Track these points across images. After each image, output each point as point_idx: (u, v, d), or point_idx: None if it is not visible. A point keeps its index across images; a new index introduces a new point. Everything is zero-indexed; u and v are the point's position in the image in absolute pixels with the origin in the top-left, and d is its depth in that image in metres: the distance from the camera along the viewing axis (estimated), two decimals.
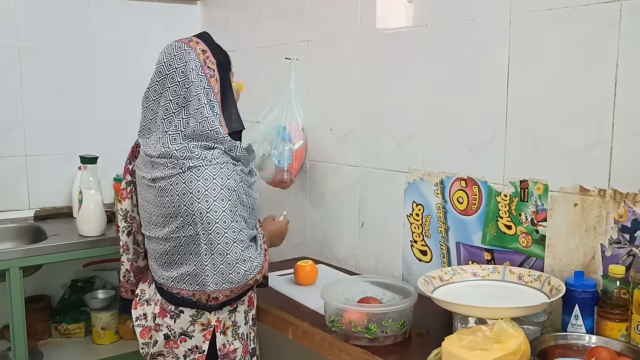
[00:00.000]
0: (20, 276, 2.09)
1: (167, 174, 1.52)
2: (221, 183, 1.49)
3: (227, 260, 1.49)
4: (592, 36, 1.38)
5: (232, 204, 1.50)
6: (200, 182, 1.48)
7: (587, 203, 1.42)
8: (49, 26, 2.58)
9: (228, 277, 1.49)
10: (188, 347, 1.60)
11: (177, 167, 1.51)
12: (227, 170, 1.52)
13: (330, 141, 2.18)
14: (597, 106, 1.38)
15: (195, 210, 1.48)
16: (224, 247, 1.48)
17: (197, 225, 1.49)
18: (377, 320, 1.46)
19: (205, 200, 1.47)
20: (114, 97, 2.76)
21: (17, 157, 2.57)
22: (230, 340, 1.63)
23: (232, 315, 1.63)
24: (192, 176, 1.49)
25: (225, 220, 1.48)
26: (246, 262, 1.51)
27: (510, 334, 1.20)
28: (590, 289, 1.37)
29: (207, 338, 1.60)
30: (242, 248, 1.50)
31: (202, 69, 1.54)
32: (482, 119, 1.64)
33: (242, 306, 1.66)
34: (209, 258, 1.49)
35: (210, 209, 1.47)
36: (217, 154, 1.53)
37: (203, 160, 1.50)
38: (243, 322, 1.66)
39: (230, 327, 1.63)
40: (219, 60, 1.59)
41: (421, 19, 1.78)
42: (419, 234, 1.87)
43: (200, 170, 1.49)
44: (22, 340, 2.10)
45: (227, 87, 1.61)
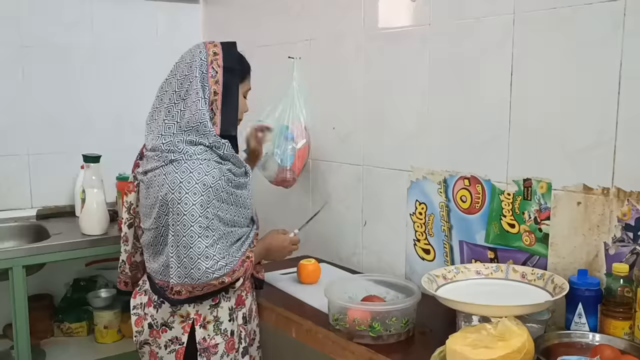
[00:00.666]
0: (23, 275, 2.10)
1: (153, 167, 1.61)
2: (197, 177, 1.53)
3: (190, 254, 1.51)
4: (596, 35, 1.38)
5: (204, 200, 1.53)
6: (177, 174, 1.54)
7: (590, 202, 1.42)
8: (51, 25, 2.59)
9: (190, 272, 1.52)
10: (168, 337, 1.65)
11: (161, 159, 1.59)
12: (206, 166, 1.56)
13: (333, 140, 2.18)
14: (601, 105, 1.38)
15: (169, 200, 1.54)
16: (188, 240, 1.51)
17: (169, 215, 1.55)
18: (381, 318, 1.46)
19: (178, 191, 1.53)
20: (116, 96, 2.77)
21: (19, 155, 2.58)
22: (211, 335, 1.64)
23: (213, 310, 1.65)
24: (171, 168, 1.56)
25: (193, 214, 1.51)
26: (208, 260, 1.52)
27: (514, 332, 1.20)
28: (593, 287, 1.37)
29: (186, 330, 1.63)
30: (207, 244, 1.52)
31: (207, 68, 1.61)
32: (486, 117, 1.64)
33: (226, 302, 1.67)
34: (174, 250, 1.54)
35: (181, 200, 1.52)
36: (200, 150, 1.58)
37: (184, 155, 1.57)
38: (227, 319, 1.67)
39: (211, 322, 1.65)
40: (227, 64, 1.64)
41: (424, 18, 1.78)
42: (422, 233, 1.87)
43: (180, 163, 1.56)
44: (24, 338, 2.11)
45: (231, 92, 1.64)
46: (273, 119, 2.22)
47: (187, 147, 1.58)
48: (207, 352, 1.63)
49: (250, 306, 1.77)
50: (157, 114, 1.66)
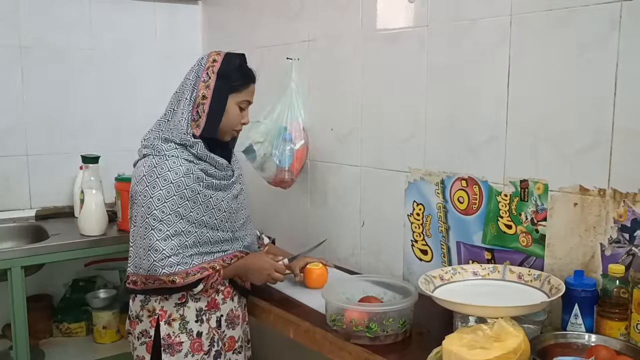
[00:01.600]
0: (22, 275, 2.10)
1: (134, 162, 1.71)
2: (159, 172, 1.59)
3: (143, 245, 1.58)
4: (593, 36, 1.38)
5: (163, 194, 1.58)
6: (144, 167, 1.62)
7: (586, 203, 1.43)
8: (51, 26, 2.60)
9: (142, 262, 1.58)
10: (139, 330, 1.71)
11: (139, 154, 1.70)
12: (171, 163, 1.61)
13: (331, 141, 2.19)
14: (598, 106, 1.39)
15: (133, 192, 1.64)
16: (144, 232, 1.58)
17: (133, 206, 1.64)
18: (378, 319, 1.46)
19: (140, 183, 1.61)
20: (115, 96, 2.78)
21: (18, 156, 2.58)
22: (176, 333, 1.67)
23: (180, 308, 1.67)
24: (142, 162, 1.65)
25: (149, 206, 1.57)
26: (157, 253, 1.56)
27: (510, 332, 1.21)
28: (590, 288, 1.38)
29: (153, 325, 1.67)
30: (158, 237, 1.56)
31: (202, 73, 1.67)
32: (483, 119, 1.64)
33: (194, 302, 1.68)
34: (133, 240, 1.64)
35: (141, 192, 1.60)
36: (170, 147, 1.64)
37: (154, 150, 1.64)
38: (194, 319, 1.68)
39: (177, 320, 1.67)
40: (221, 71, 1.67)
41: (422, 19, 1.79)
42: (419, 234, 1.87)
43: (148, 158, 1.64)
44: (23, 339, 2.11)
45: (220, 98, 1.66)
46: (271, 119, 2.23)
47: (159, 144, 1.64)
48: (171, 349, 1.66)
49: (233, 312, 1.76)
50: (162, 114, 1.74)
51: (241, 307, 1.80)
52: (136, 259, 1.62)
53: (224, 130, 1.70)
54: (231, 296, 1.76)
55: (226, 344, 1.75)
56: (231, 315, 1.76)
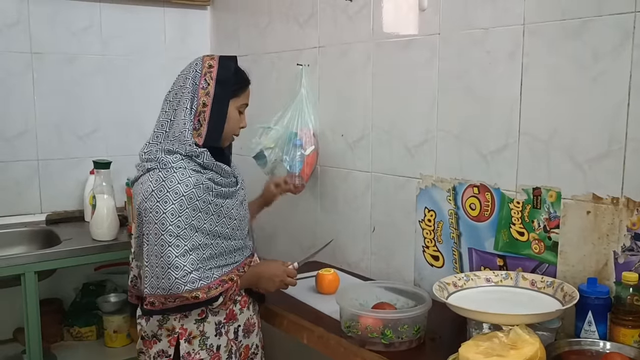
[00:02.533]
0: (35, 280, 2.12)
1: (136, 177, 1.65)
2: (169, 186, 1.54)
3: (161, 264, 1.51)
4: (606, 47, 1.39)
5: (176, 208, 1.53)
6: (151, 183, 1.56)
7: (600, 211, 1.44)
8: (61, 32, 2.62)
9: (160, 282, 1.51)
10: (157, 349, 1.65)
11: (141, 169, 1.63)
12: (180, 175, 1.56)
13: (342, 147, 2.20)
14: (611, 115, 1.40)
15: (143, 209, 1.56)
16: (160, 250, 1.51)
17: (144, 223, 1.56)
18: (392, 325, 1.48)
19: (151, 199, 1.54)
20: (125, 101, 2.80)
21: (29, 161, 2.60)
22: (196, 350, 1.63)
23: (200, 324, 1.64)
24: (147, 177, 1.58)
25: (164, 223, 1.51)
26: (178, 270, 1.50)
27: (526, 340, 1.22)
28: (603, 295, 1.39)
29: (172, 344, 1.63)
30: (177, 254, 1.51)
31: (199, 80, 1.63)
32: (495, 126, 1.66)
33: (214, 317, 1.66)
34: (148, 259, 1.55)
35: (152, 209, 1.53)
36: (175, 158, 1.59)
37: (159, 163, 1.58)
38: (213, 334, 1.66)
39: (197, 337, 1.63)
40: (220, 77, 1.64)
41: (434, 27, 1.80)
42: (430, 240, 1.89)
43: (155, 172, 1.58)
44: (37, 343, 2.13)
45: (221, 105, 1.64)
46: (282, 125, 2.25)
47: (163, 156, 1.59)
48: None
49: (249, 321, 1.76)
50: (156, 124, 1.69)
51: (256, 315, 1.81)
52: (153, 279, 1.54)
53: (225, 137, 1.68)
54: (247, 305, 1.76)
55: (242, 353, 1.75)
56: (247, 324, 1.75)
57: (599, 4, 1.40)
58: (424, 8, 1.83)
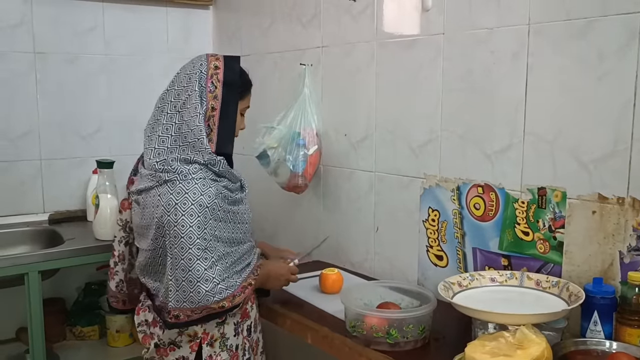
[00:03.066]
0: (38, 280, 2.11)
1: (147, 187, 1.58)
2: (193, 198, 1.50)
3: (189, 278, 1.48)
4: (612, 47, 1.40)
5: (201, 221, 1.50)
6: (173, 195, 1.51)
7: (605, 211, 1.44)
8: (64, 32, 2.61)
9: (189, 295, 1.49)
10: (176, 356, 1.63)
11: (155, 179, 1.56)
12: (202, 186, 1.53)
13: (345, 146, 2.20)
14: (617, 115, 1.40)
15: (165, 223, 1.51)
16: (187, 263, 1.48)
17: (166, 237, 1.52)
18: (398, 325, 1.48)
19: (174, 213, 1.49)
20: (128, 101, 2.79)
21: (32, 161, 2.59)
22: (217, 352, 1.64)
23: (220, 327, 1.64)
24: (166, 189, 1.53)
25: (191, 236, 1.48)
26: (208, 282, 1.49)
27: (533, 340, 1.22)
28: (609, 295, 1.39)
29: (194, 349, 1.62)
30: (206, 266, 1.49)
31: (206, 81, 1.58)
32: (500, 126, 1.66)
33: (232, 318, 1.67)
34: (173, 273, 1.51)
35: (177, 223, 1.49)
36: (195, 169, 1.55)
37: (179, 175, 1.53)
38: (232, 334, 1.67)
39: (218, 339, 1.64)
40: (227, 79, 1.60)
41: (438, 27, 1.80)
42: (434, 239, 1.89)
43: (174, 184, 1.52)
44: (40, 343, 2.13)
45: (229, 109, 1.61)
46: (285, 125, 2.24)
47: (181, 166, 1.54)
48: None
49: (256, 316, 1.78)
50: (156, 125, 1.63)
51: (257, 309, 1.82)
52: (178, 293, 1.50)
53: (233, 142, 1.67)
54: (255, 302, 1.78)
55: (254, 348, 1.77)
56: (256, 320, 1.78)
57: (604, 4, 1.40)
58: (428, 8, 1.83)
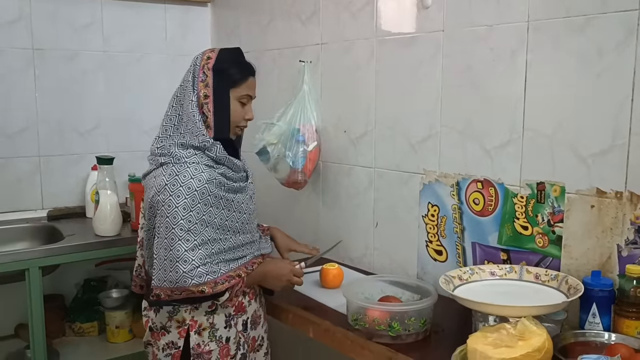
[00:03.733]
0: (39, 276, 2.12)
1: (149, 170, 1.68)
2: (182, 181, 1.56)
3: (170, 257, 1.53)
4: (610, 43, 1.42)
5: (187, 203, 1.54)
6: (165, 177, 1.58)
7: (603, 205, 1.46)
8: (63, 28, 2.61)
9: (168, 274, 1.53)
10: (166, 341, 1.67)
11: (154, 163, 1.66)
12: (193, 170, 1.58)
13: (344, 143, 2.22)
14: (615, 110, 1.42)
15: (155, 203, 1.59)
16: (169, 243, 1.53)
17: (155, 216, 1.59)
18: (400, 318, 1.50)
19: (163, 193, 1.56)
20: (126, 98, 2.80)
21: (31, 157, 2.59)
22: (205, 341, 1.65)
23: (210, 316, 1.66)
24: (160, 171, 1.61)
25: (175, 216, 1.53)
26: (187, 264, 1.52)
27: (534, 331, 1.24)
28: (607, 287, 1.42)
29: (182, 335, 1.65)
30: (186, 248, 1.53)
31: (198, 72, 1.65)
32: (499, 122, 1.68)
33: (223, 309, 1.68)
34: (157, 251, 1.57)
35: (165, 202, 1.55)
36: (189, 153, 1.61)
37: (173, 158, 1.61)
38: (223, 326, 1.67)
39: (207, 329, 1.65)
40: (216, 67, 1.65)
41: (438, 24, 1.82)
42: (434, 234, 1.91)
43: (168, 166, 1.60)
44: (40, 339, 2.13)
45: (221, 95, 1.64)
46: (284, 121, 2.26)
47: (177, 151, 1.61)
48: (200, 358, 1.64)
49: (256, 313, 1.78)
50: (163, 117, 1.71)
51: (262, 307, 1.83)
52: (160, 272, 1.55)
53: (230, 128, 1.69)
54: (255, 297, 1.78)
55: (249, 345, 1.77)
56: (254, 316, 1.78)
57: (603, 1, 1.42)
58: (427, 5, 1.85)
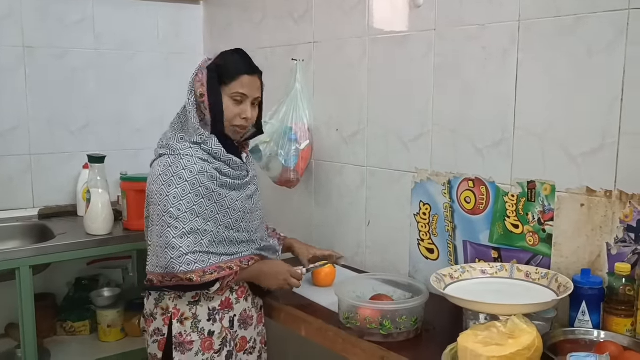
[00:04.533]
0: (30, 275, 2.10)
1: (151, 162, 1.74)
2: (174, 171, 1.62)
3: (160, 243, 1.60)
4: (600, 43, 1.43)
5: (178, 192, 1.60)
6: (159, 167, 1.65)
7: (593, 203, 1.47)
8: (54, 26, 2.60)
9: (160, 260, 1.60)
10: (153, 328, 1.73)
11: (155, 154, 1.73)
12: (186, 161, 1.63)
13: (337, 141, 2.22)
14: (605, 110, 1.43)
15: (149, 191, 1.67)
16: (160, 229, 1.60)
17: (150, 205, 1.66)
18: (391, 316, 1.50)
19: (156, 182, 1.63)
20: (118, 96, 2.78)
21: (21, 155, 2.58)
22: (187, 331, 1.68)
23: (193, 307, 1.69)
24: (157, 162, 1.68)
25: (166, 204, 1.59)
26: (175, 250, 1.57)
27: (524, 329, 1.25)
28: (597, 286, 1.42)
29: (166, 323, 1.69)
30: (175, 235, 1.58)
31: (197, 72, 1.71)
32: (490, 121, 1.68)
33: (207, 302, 1.70)
34: (151, 238, 1.66)
35: (157, 191, 1.62)
36: (185, 146, 1.67)
37: (168, 149, 1.67)
38: (206, 319, 1.69)
39: (190, 319, 1.68)
40: (210, 66, 1.70)
41: (429, 23, 1.82)
42: (426, 233, 1.91)
43: (164, 158, 1.66)
44: (31, 338, 2.12)
45: (214, 93, 1.68)
46: (277, 119, 2.25)
47: (174, 144, 1.68)
48: (182, 347, 1.68)
49: (246, 312, 1.78)
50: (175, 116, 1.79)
51: (256, 309, 1.82)
52: (153, 258, 1.64)
53: (226, 127, 1.70)
54: (245, 296, 1.77)
55: (238, 344, 1.77)
56: (244, 315, 1.77)
57: (593, 1, 1.43)
58: (419, 4, 1.85)
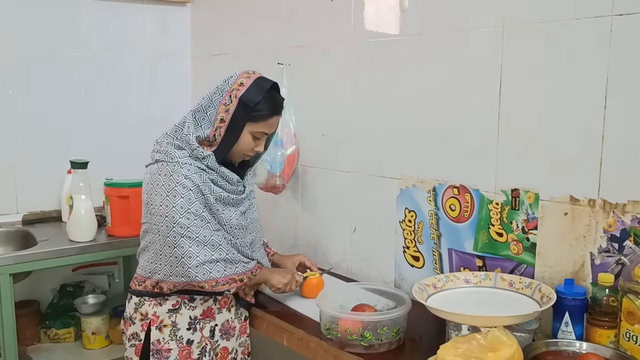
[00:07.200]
0: (10, 283, 2.07)
1: (147, 165, 1.70)
2: (177, 180, 1.58)
3: (175, 254, 1.58)
4: (584, 49, 1.41)
5: (185, 201, 1.58)
6: (160, 176, 1.61)
7: (577, 212, 1.45)
8: (38, 29, 2.56)
9: (175, 269, 1.60)
10: (131, 332, 1.71)
11: (151, 158, 1.69)
12: (186, 170, 1.60)
13: (323, 147, 2.19)
14: (588, 118, 1.41)
15: (152, 201, 1.62)
16: (172, 241, 1.58)
17: (154, 216, 1.62)
18: (372, 328, 1.48)
19: (160, 193, 1.59)
20: (104, 99, 2.75)
21: (4, 160, 2.54)
22: (165, 339, 1.67)
23: (172, 315, 1.67)
24: (155, 168, 1.64)
25: (174, 216, 1.57)
26: (191, 259, 1.57)
27: (504, 342, 1.23)
28: (580, 296, 1.40)
29: (144, 329, 1.68)
30: (189, 244, 1.57)
31: (224, 94, 1.64)
32: (475, 128, 1.66)
33: (187, 310, 1.68)
34: (162, 249, 1.62)
35: (162, 203, 1.58)
36: (183, 154, 1.63)
37: (167, 156, 1.63)
38: (186, 327, 1.68)
39: (168, 326, 1.67)
40: (245, 98, 1.62)
41: (414, 29, 1.80)
42: (411, 240, 1.89)
43: (163, 165, 1.62)
44: (12, 347, 2.09)
45: (236, 126, 1.64)
46: None
47: (172, 150, 1.64)
48: (159, 355, 1.66)
49: (228, 323, 1.76)
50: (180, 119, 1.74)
51: (239, 319, 1.80)
52: (166, 267, 1.62)
53: (233, 155, 1.70)
54: (228, 307, 1.75)
55: (218, 354, 1.75)
56: (226, 325, 1.75)
57: (576, 7, 1.41)
58: (404, 8, 1.83)
